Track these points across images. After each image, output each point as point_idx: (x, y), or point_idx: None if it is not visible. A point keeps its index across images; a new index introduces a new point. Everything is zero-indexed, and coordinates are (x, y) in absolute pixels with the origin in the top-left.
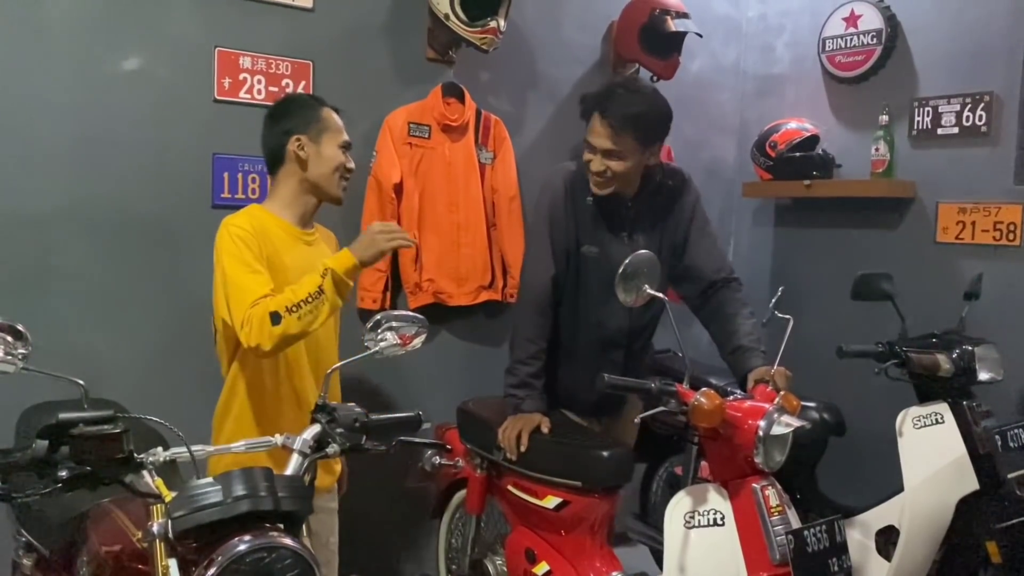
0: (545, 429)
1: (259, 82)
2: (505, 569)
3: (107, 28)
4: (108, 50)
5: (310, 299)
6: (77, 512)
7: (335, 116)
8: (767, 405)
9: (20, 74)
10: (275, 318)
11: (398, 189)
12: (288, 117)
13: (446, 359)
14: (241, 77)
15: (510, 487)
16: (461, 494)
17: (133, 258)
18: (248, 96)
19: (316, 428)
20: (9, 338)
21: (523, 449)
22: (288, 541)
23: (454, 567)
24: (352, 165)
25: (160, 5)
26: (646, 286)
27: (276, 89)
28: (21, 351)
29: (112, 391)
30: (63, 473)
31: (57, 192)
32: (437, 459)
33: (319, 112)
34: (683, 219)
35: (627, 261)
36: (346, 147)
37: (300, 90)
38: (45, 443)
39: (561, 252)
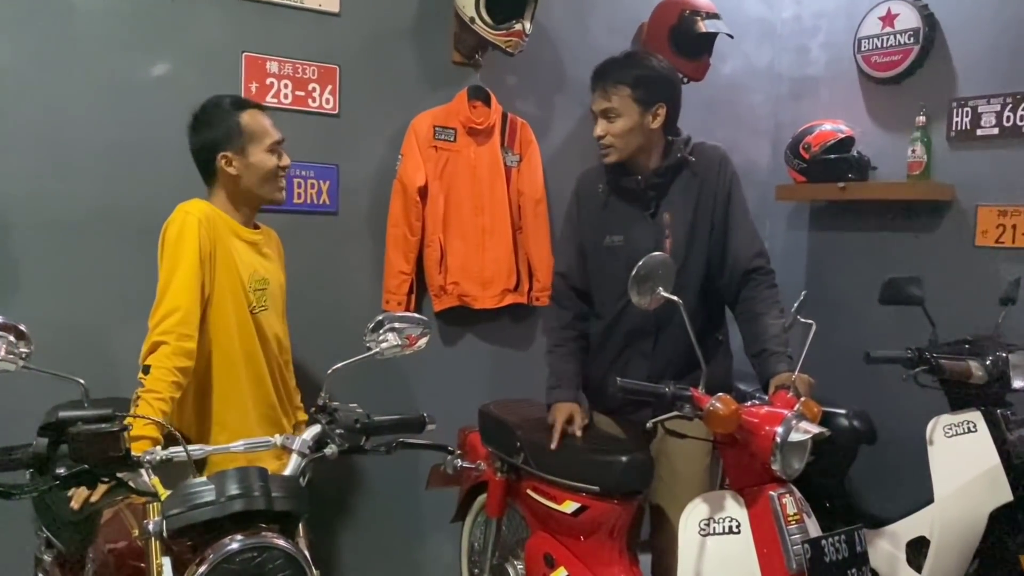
0: (578, 418)
1: (286, 86)
2: (525, 574)
3: (136, 35)
4: (137, 56)
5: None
6: (92, 510)
7: (259, 117)
8: (786, 411)
9: (51, 81)
10: (144, 370)
11: (423, 192)
12: (209, 127)
13: (471, 362)
14: (268, 82)
15: (529, 491)
16: (483, 497)
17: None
18: (275, 100)
19: (316, 428)
20: (12, 338)
21: (553, 447)
22: (280, 542)
23: (476, 571)
24: (286, 163)
25: (188, 12)
26: (660, 289)
27: (303, 93)
28: (23, 350)
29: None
30: (61, 470)
31: (87, 196)
32: (458, 462)
33: (239, 121)
34: (719, 199)
35: (640, 263)
36: (276, 146)
37: (327, 94)
38: (45, 441)
39: (574, 248)
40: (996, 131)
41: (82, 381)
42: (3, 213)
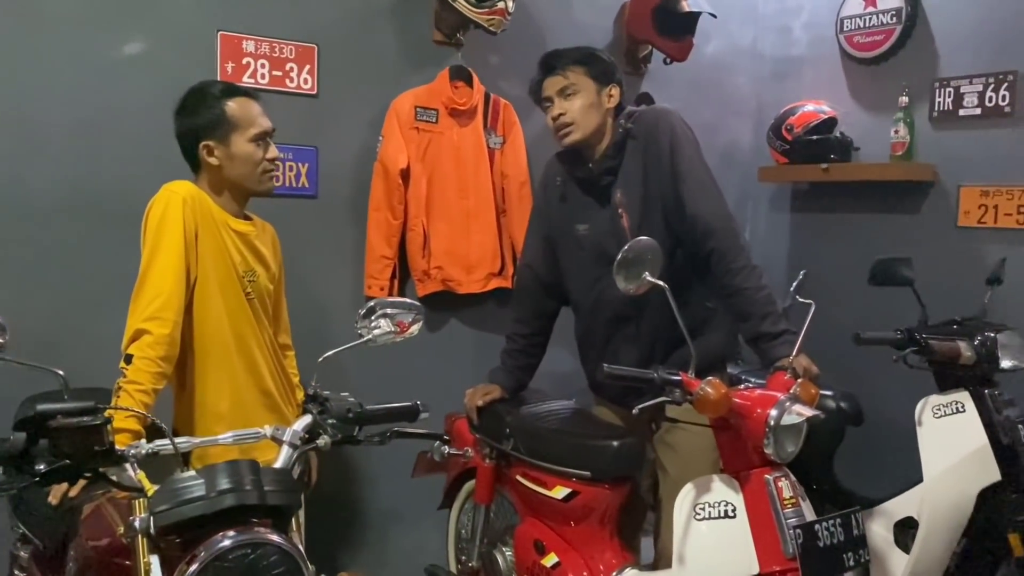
0: (490, 396)
1: (263, 66)
2: (515, 560)
3: (108, 12)
4: (109, 35)
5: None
6: (71, 505)
7: (248, 106)
8: (779, 394)
9: (19, 60)
10: (127, 359)
11: (405, 175)
12: (193, 115)
13: (456, 347)
14: (244, 61)
15: (519, 477)
16: (470, 484)
17: (137, 246)
18: (252, 80)
19: (307, 419)
20: None
21: (473, 417)
22: (274, 537)
23: (463, 558)
24: (273, 154)
25: None
26: (646, 274)
27: (280, 73)
28: None
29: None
30: (41, 467)
31: (59, 180)
32: (446, 449)
33: (223, 110)
34: (663, 159)
35: (626, 247)
36: (262, 137)
37: (305, 74)
38: (23, 436)
39: (539, 240)
40: (978, 111)
41: (61, 372)
42: None
